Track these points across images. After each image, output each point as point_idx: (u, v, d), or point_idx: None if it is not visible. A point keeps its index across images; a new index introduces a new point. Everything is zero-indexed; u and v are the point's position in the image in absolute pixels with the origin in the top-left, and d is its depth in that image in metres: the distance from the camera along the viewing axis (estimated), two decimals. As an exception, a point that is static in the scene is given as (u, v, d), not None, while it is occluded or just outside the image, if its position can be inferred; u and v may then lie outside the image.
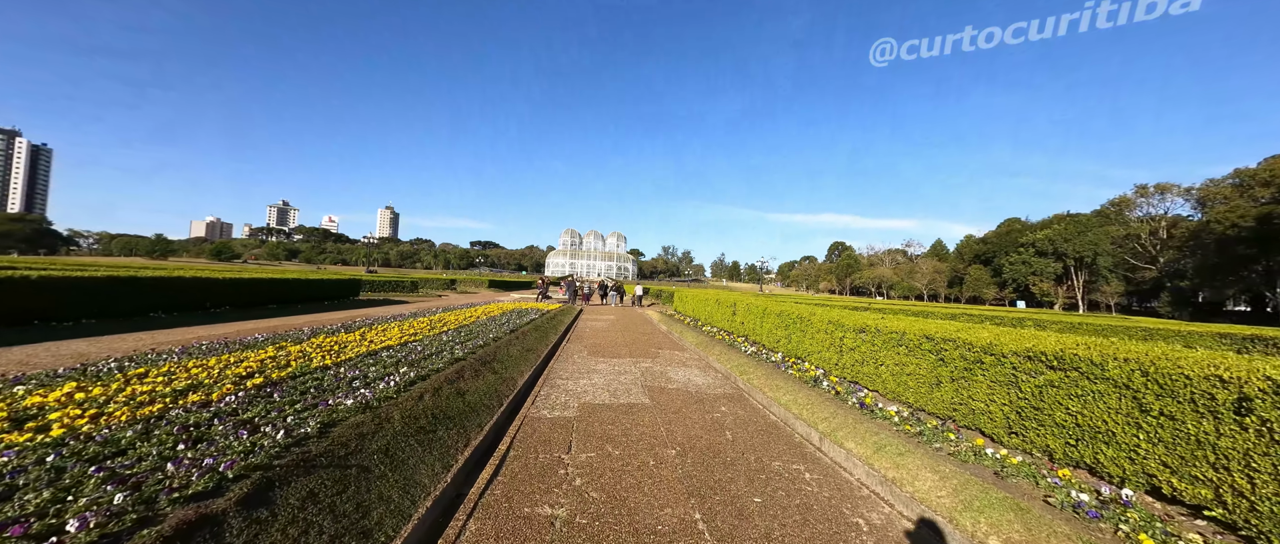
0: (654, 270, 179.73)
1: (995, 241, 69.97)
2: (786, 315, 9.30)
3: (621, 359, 9.56)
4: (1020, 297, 63.54)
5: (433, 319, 11.44)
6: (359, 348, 6.63)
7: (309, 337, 7.62)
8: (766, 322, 10.42)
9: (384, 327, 9.44)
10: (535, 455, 4.21)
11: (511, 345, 8.92)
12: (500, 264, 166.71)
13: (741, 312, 12.33)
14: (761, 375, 7.72)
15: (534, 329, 11.73)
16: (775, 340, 9.74)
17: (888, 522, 3.38)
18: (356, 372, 5.14)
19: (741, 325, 12.22)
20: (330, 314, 13.62)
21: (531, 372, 7.56)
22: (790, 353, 8.96)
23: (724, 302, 14.39)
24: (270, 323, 10.77)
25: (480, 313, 14.04)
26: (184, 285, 12.16)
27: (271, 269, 29.68)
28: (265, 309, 14.30)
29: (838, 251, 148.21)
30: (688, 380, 7.79)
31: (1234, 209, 41.55)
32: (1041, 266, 59.44)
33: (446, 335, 8.72)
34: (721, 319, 14.20)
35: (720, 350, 10.44)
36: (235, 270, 19.07)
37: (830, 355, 7.48)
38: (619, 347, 11.35)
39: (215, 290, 13.26)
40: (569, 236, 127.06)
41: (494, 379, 6.34)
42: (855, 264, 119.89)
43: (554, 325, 13.72)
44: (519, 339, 9.80)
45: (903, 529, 3.33)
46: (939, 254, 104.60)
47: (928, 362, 5.31)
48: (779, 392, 6.67)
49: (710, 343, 11.65)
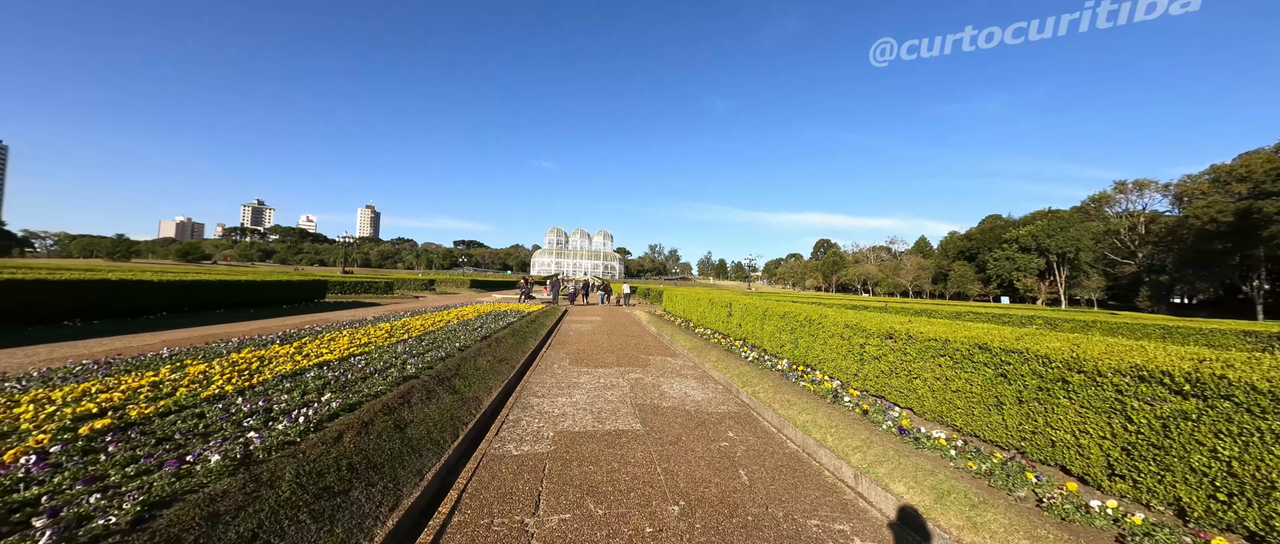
0: (641, 269, 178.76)
1: (979, 238, 70.69)
2: (792, 318, 8.30)
3: (608, 368, 8.46)
4: (1004, 292, 64.30)
5: (395, 325, 10.17)
6: (284, 365, 5.40)
7: (233, 350, 6.35)
8: (767, 324, 9.42)
9: (333, 335, 8.17)
10: (488, 520, 3.09)
11: (481, 355, 7.74)
12: (485, 264, 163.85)
13: (738, 313, 11.33)
14: (768, 387, 6.70)
15: (511, 334, 10.55)
16: (779, 345, 8.75)
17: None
18: (262, 402, 3.94)
19: (738, 328, 11.22)
20: (281, 320, 12.21)
21: (501, 389, 6.41)
22: (797, 360, 7.97)
23: (718, 301, 13.38)
24: (201, 332, 9.38)
25: (453, 316, 12.78)
26: (106, 290, 10.66)
27: (226, 270, 27.76)
28: (211, 315, 12.81)
29: (823, 249, 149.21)
30: (685, 395, 6.73)
31: (1212, 204, 42.31)
32: (1025, 262, 60.13)
33: (403, 345, 7.51)
34: (715, 320, 13.19)
35: (717, 356, 9.42)
36: (181, 271, 17.40)
37: (847, 364, 6.50)
38: (605, 353, 10.24)
39: (152, 295, 11.76)
40: (555, 235, 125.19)
41: (451, 402, 5.19)
42: (840, 261, 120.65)
43: (534, 329, 12.54)
44: (491, 347, 8.63)
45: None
46: (923, 251, 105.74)
47: (982, 377, 4.33)
48: (793, 409, 5.66)
49: (705, 347, 10.63)
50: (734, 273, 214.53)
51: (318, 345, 6.94)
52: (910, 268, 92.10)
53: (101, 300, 10.57)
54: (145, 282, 11.59)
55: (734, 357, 9.23)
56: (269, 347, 6.71)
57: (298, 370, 5.17)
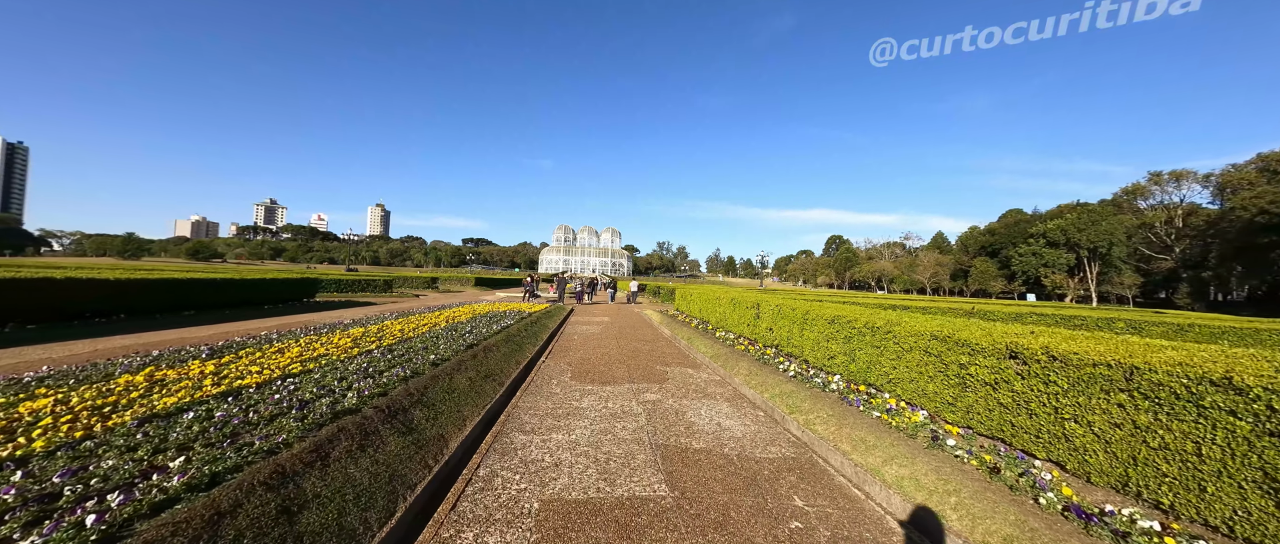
0: (649, 266, 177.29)
1: (1002, 233, 67.72)
2: (846, 324, 6.66)
3: (618, 385, 6.90)
4: (1029, 289, 61.53)
5: (370, 330, 8.72)
6: (168, 398, 3.92)
7: (129, 370, 4.90)
8: (809, 330, 7.79)
9: (282, 346, 6.71)
10: None
11: (462, 371, 6.23)
12: (493, 261, 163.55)
13: (769, 315, 9.70)
14: (827, 417, 5.10)
15: (505, 340, 9.05)
16: (826, 357, 7.11)
17: None
18: (62, 475, 2.44)
19: (769, 333, 9.59)
20: (243, 324, 10.83)
21: (480, 420, 4.89)
22: (854, 378, 6.34)
23: (742, 301, 11.75)
24: (115, 343, 7.99)
25: (443, 319, 11.33)
26: (59, 289, 9.37)
27: (206, 268, 26.69)
28: (178, 318, 11.51)
29: (835, 245, 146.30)
30: (719, 428, 5.14)
31: (1261, 195, 39.48)
32: (1053, 258, 57.20)
33: (365, 358, 6.02)
34: (738, 323, 11.57)
35: (748, 369, 7.82)
36: (150, 269, 16.16)
37: (936, 390, 4.87)
38: (615, 364, 8.69)
39: (99, 296, 10.47)
40: (562, 233, 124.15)
41: (397, 450, 3.67)
42: (854, 258, 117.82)
43: (533, 333, 11.03)
44: (477, 358, 7.12)
45: None
46: (940, 247, 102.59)
47: (1225, 434, 2.69)
48: (874, 455, 4.06)
49: (730, 356, 9.03)
50: (743, 270, 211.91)
51: (248, 362, 5.47)
52: (928, 264, 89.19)
53: (81, 300, 9.31)
54: (95, 281, 10.27)
55: (769, 369, 7.62)
56: (185, 365, 5.25)
57: (182, 406, 3.68)
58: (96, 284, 10.29)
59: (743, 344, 10.21)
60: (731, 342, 10.75)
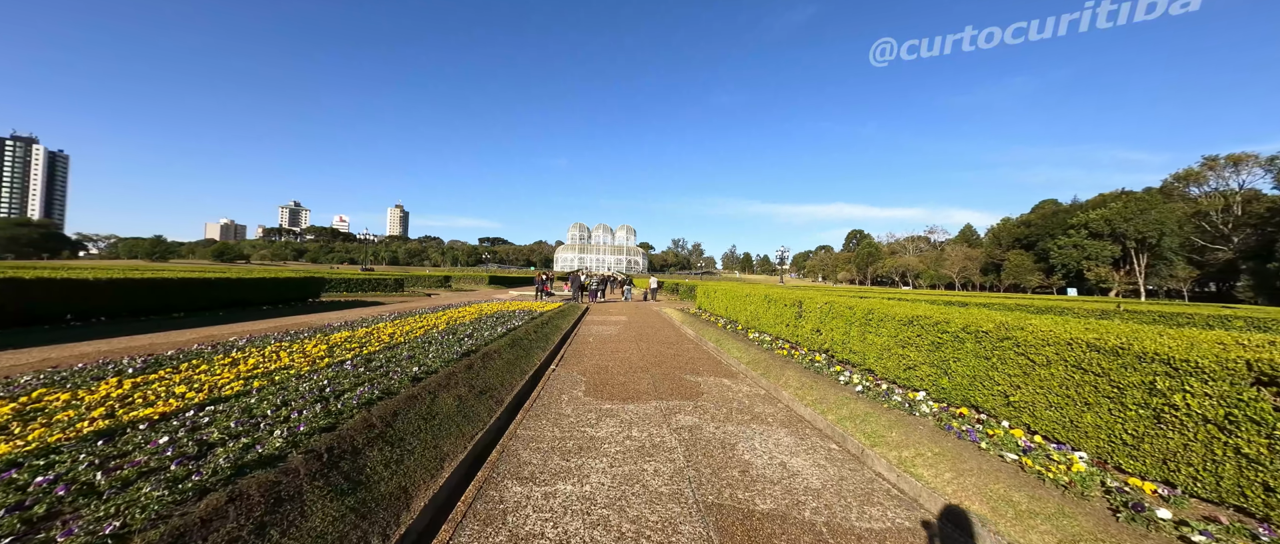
0: (664, 263, 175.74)
1: (1039, 225, 63.87)
2: (934, 326, 5.23)
3: (642, 402, 5.62)
4: (1070, 283, 57.91)
5: (356, 334, 7.62)
6: (15, 442, 2.78)
7: (25, 389, 3.83)
8: (875, 333, 6.37)
9: (240, 355, 5.61)
10: None
11: (450, 387, 5.03)
12: (508, 260, 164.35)
13: (816, 315, 8.28)
14: (933, 455, 3.74)
15: (510, 345, 7.85)
16: (904, 369, 5.69)
17: None
18: None
19: (816, 336, 8.18)
20: (230, 327, 9.90)
21: (460, 462, 3.67)
22: (950, 398, 4.92)
23: (778, 298, 10.34)
24: (85, 347, 7.03)
25: (445, 319, 10.22)
26: (25, 290, 8.56)
27: (207, 268, 26.37)
28: (164, 320, 10.68)
29: (856, 240, 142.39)
30: (785, 473, 3.80)
31: (1336, 178, 35.89)
32: (1096, 250, 53.42)
33: (332, 372, 4.86)
34: (773, 323, 10.16)
35: (797, 379, 6.44)
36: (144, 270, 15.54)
37: (1100, 422, 3.44)
38: (637, 372, 7.40)
39: (97, 296, 9.73)
40: (577, 231, 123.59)
41: (327, 521, 2.45)
42: (876, 253, 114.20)
43: (543, 336, 9.83)
44: (473, 369, 5.92)
45: None
46: (968, 240, 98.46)
47: None
48: (1043, 532, 2.68)
49: (771, 362, 7.67)
50: (760, 266, 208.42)
51: (180, 380, 4.36)
52: (956, 258, 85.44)
53: (10, 303, 8.47)
54: (71, 281, 9.45)
55: (825, 381, 6.23)
56: (94, 385, 4.16)
57: (13, 459, 2.52)
58: (71, 285, 9.47)
59: (782, 348, 8.81)
60: (768, 345, 9.36)
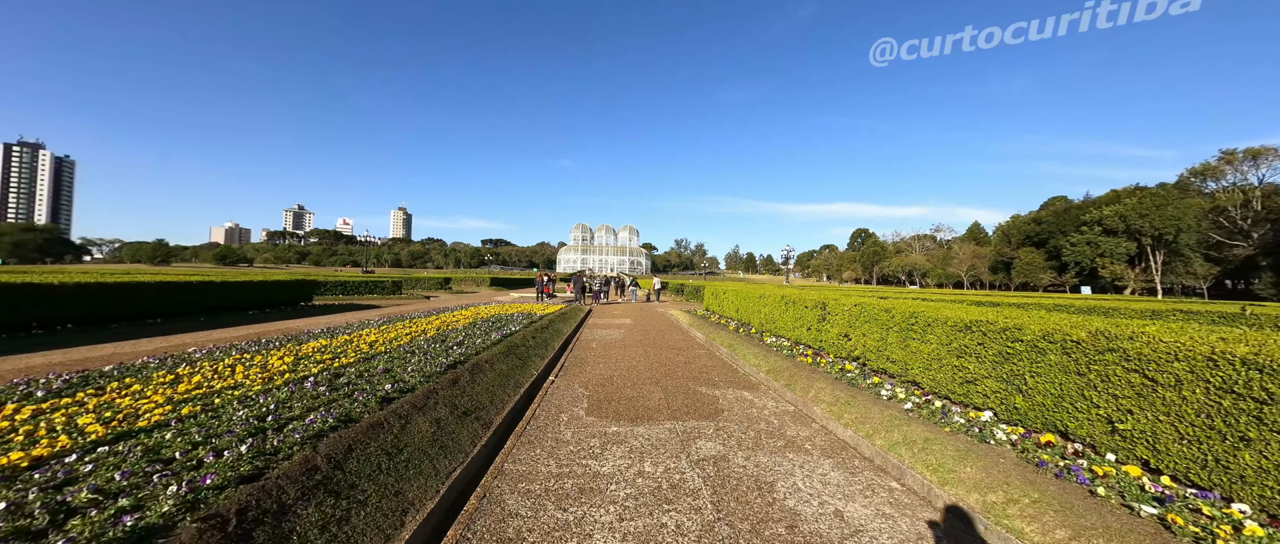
0: (667, 264, 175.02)
1: (1050, 222, 62.50)
2: (1002, 334, 4.39)
3: (654, 423, 4.81)
4: (1083, 281, 56.57)
5: (333, 343, 6.84)
6: None
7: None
8: (920, 341, 5.53)
9: (182, 372, 4.84)
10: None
11: (426, 410, 4.24)
12: (511, 262, 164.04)
13: (843, 318, 7.44)
14: (1029, 503, 2.92)
15: (504, 354, 7.06)
16: (962, 383, 4.85)
17: None
18: None
19: (845, 342, 7.34)
20: (204, 334, 9.17)
21: (429, 513, 2.86)
22: (1027, 421, 4.08)
23: (797, 299, 9.51)
24: (25, 362, 6.29)
25: (437, 324, 9.45)
26: None
27: (197, 271, 25.76)
28: (135, 327, 9.99)
29: (861, 239, 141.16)
30: (846, 533, 2.96)
31: (1363, 171, 34.63)
32: (1111, 247, 52.05)
33: (286, 392, 4.07)
34: (793, 326, 9.33)
35: (830, 393, 5.61)
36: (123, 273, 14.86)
37: (1268, 464, 2.60)
38: (644, 384, 6.59)
39: (62, 302, 9.02)
40: (580, 232, 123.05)
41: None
42: (882, 251, 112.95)
43: (542, 343, 9.04)
44: (458, 385, 5.13)
45: None
46: (976, 237, 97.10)
47: None
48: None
49: (794, 371, 6.84)
50: (764, 266, 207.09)
51: (101, 403, 3.58)
52: (964, 256, 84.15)
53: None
54: (31, 286, 8.73)
55: (863, 396, 5.39)
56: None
57: None
58: (34, 291, 8.76)
59: (804, 355, 7.98)
60: (787, 350, 8.54)
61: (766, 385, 6.83)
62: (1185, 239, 48.12)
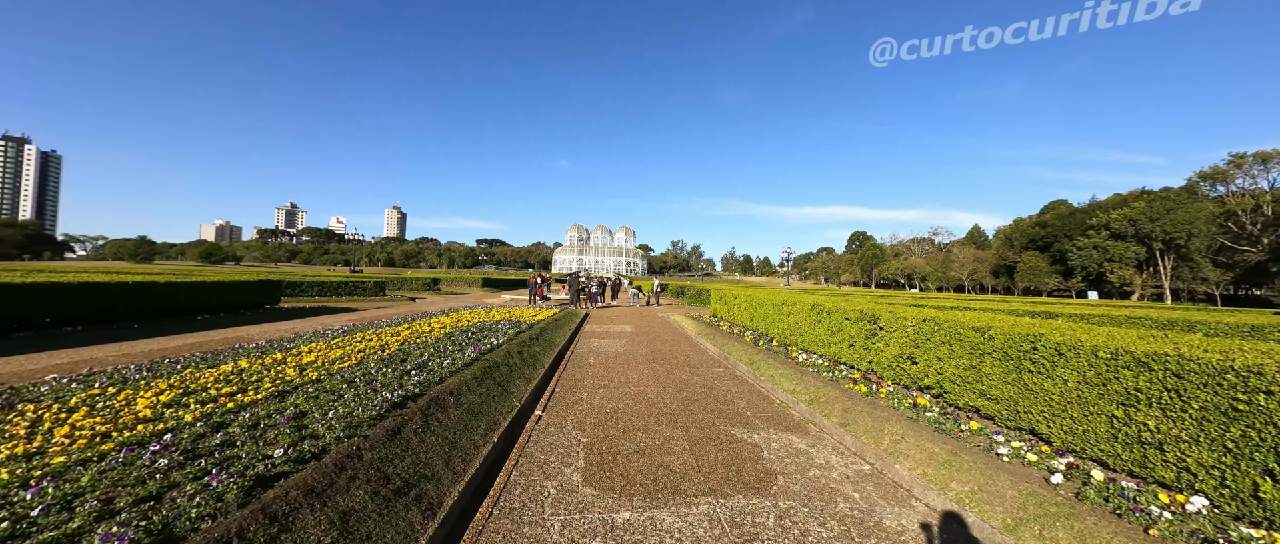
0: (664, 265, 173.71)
1: (1055, 225, 61.45)
2: (1212, 377, 2.89)
3: (686, 504, 3.27)
4: (1089, 286, 55.58)
5: (261, 365, 5.26)
6: None
7: None
8: (1047, 378, 4.02)
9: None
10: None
11: (328, 499, 2.67)
12: (506, 262, 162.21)
13: (905, 337, 5.92)
14: None
15: (477, 380, 5.50)
16: (1120, 444, 3.34)
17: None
18: None
19: (909, 367, 5.84)
20: (110, 348, 7.54)
21: None
22: (1274, 519, 2.57)
23: (835, 310, 8.02)
24: None
25: (404, 336, 7.86)
26: None
27: (146, 269, 23.96)
28: (47, 335, 8.36)
29: (858, 242, 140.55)
30: None
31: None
32: (1119, 251, 50.97)
33: (112, 465, 2.49)
34: (829, 342, 7.82)
35: (916, 446, 4.10)
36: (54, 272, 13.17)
37: None
38: (659, 422, 5.05)
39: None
40: (576, 232, 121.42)
41: None
42: (880, 254, 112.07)
43: (530, 358, 7.47)
44: (401, 438, 3.58)
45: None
46: (977, 241, 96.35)
47: None
48: None
49: (851, 406, 5.33)
50: (761, 268, 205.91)
51: None
52: (965, 260, 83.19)
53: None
54: None
55: (966, 451, 3.88)
56: None
57: None
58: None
59: (848, 377, 6.47)
60: (825, 371, 7.04)
61: (816, 424, 5.30)
62: (1196, 243, 47.15)
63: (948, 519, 3.26)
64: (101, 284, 10.10)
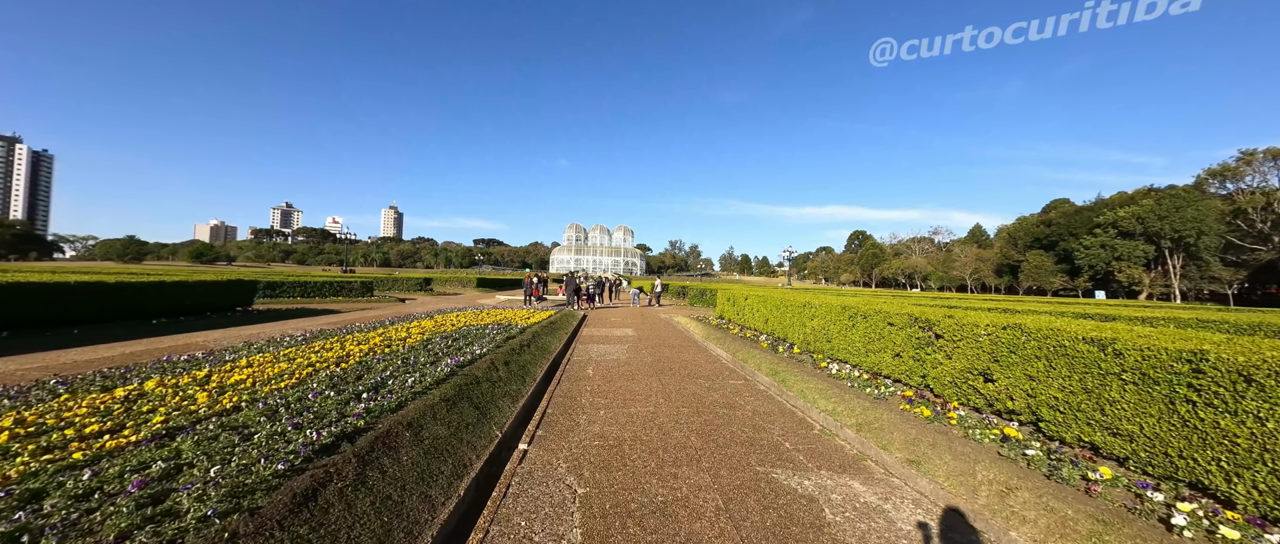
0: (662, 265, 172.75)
1: (1060, 224, 60.61)
2: None
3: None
4: (1097, 286, 54.72)
5: (172, 386, 4.11)
6: None
7: None
8: (1221, 416, 2.91)
9: None
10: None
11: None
12: (504, 262, 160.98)
13: (979, 348, 4.82)
14: None
15: (448, 404, 4.38)
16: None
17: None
18: None
19: (984, 387, 4.74)
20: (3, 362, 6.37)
21: None
22: None
23: (874, 314, 6.92)
24: None
25: (370, 345, 6.73)
26: None
27: (94, 269, 22.70)
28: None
29: (858, 241, 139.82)
30: None
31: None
32: (1128, 250, 50.13)
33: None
34: (865, 349, 6.73)
35: (1030, 497, 2.98)
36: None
37: None
38: (677, 458, 3.94)
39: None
40: (574, 232, 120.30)
41: None
42: (881, 254, 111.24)
43: (517, 371, 6.34)
44: (319, 505, 2.44)
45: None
46: (978, 240, 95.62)
47: None
48: None
49: (916, 434, 4.23)
50: (759, 268, 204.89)
51: None
52: (967, 259, 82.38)
53: None
54: None
55: (1116, 516, 2.77)
56: None
57: None
58: None
59: (896, 393, 5.38)
60: (860, 384, 5.95)
61: (876, 462, 4.18)
62: (1207, 242, 46.29)
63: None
64: (36, 285, 8.92)
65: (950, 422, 4.54)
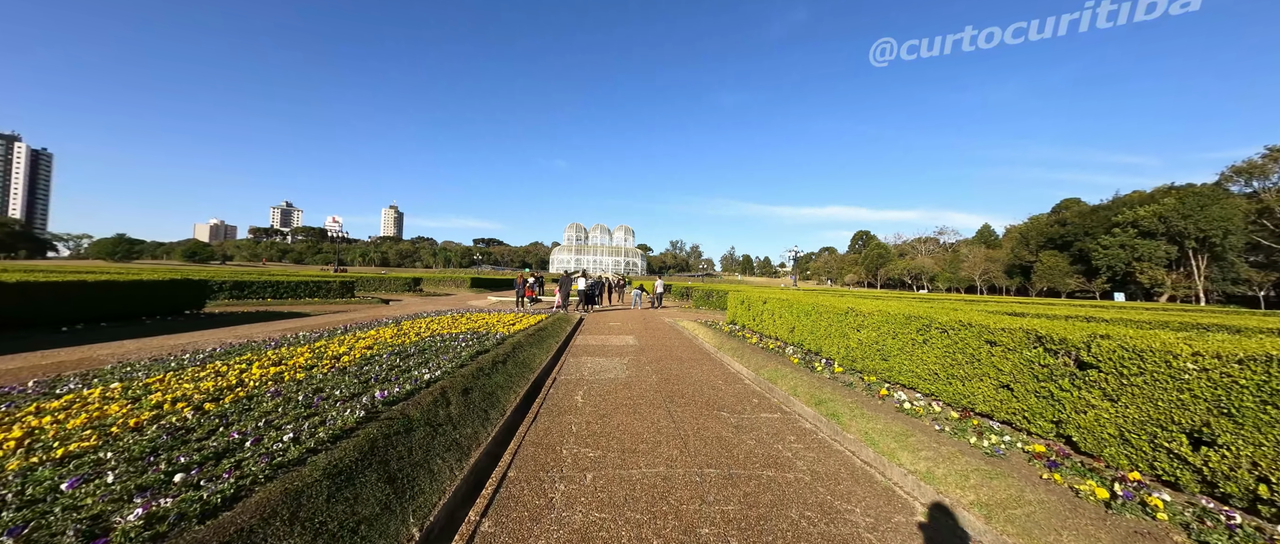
0: (663, 265, 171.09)
1: (1075, 224, 58.61)
2: None
3: None
4: (1115, 287, 52.74)
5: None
6: None
7: None
8: None
9: None
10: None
11: None
12: (503, 261, 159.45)
13: (1165, 389, 3.05)
14: None
15: (324, 489, 2.63)
16: None
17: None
18: None
19: (1195, 457, 2.97)
20: None
21: None
22: None
23: (962, 328, 5.19)
24: None
25: (293, 362, 4.98)
26: None
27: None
28: None
29: (862, 241, 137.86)
30: None
31: None
32: (1149, 250, 48.15)
33: None
34: (946, 374, 4.99)
35: None
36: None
37: None
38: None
39: None
40: (574, 231, 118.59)
41: None
42: (886, 254, 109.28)
43: (482, 401, 4.59)
44: None
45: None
46: (987, 240, 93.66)
47: None
48: None
49: (1093, 532, 2.46)
50: (761, 268, 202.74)
51: None
52: (976, 260, 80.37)
53: None
54: None
55: None
56: None
57: None
58: None
59: (1015, 445, 3.62)
60: (942, 421, 4.20)
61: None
62: (1233, 241, 44.34)
63: None
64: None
65: (1161, 519, 2.77)
